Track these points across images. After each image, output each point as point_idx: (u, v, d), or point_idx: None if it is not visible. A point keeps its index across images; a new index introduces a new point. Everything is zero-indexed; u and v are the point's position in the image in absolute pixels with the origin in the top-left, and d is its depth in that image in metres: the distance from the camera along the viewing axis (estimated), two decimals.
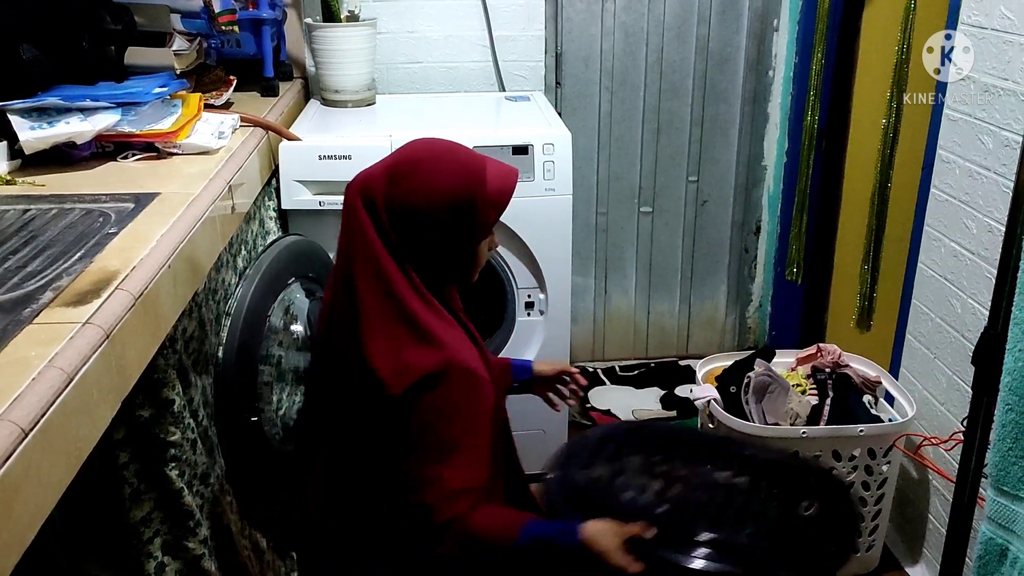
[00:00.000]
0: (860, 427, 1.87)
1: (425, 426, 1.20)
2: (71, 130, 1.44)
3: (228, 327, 1.48)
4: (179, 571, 1.20)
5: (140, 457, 1.14)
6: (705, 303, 2.95)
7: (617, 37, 2.60)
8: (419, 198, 1.24)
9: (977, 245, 1.73)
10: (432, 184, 1.24)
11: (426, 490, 1.19)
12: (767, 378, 1.99)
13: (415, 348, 1.20)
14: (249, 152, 1.67)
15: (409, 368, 1.19)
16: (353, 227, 1.27)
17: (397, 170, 1.26)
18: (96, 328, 0.93)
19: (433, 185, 1.24)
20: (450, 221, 1.25)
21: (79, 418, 0.86)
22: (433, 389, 1.18)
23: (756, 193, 2.82)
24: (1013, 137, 1.60)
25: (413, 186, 1.24)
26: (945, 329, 1.86)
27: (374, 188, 1.26)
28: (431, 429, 1.20)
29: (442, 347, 1.20)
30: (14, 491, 0.73)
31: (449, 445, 1.20)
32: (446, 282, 1.34)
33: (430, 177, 1.25)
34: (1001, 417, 1.12)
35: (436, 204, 1.24)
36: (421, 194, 1.24)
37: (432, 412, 1.20)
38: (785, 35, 2.62)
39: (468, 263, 1.33)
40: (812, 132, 2.53)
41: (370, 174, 1.29)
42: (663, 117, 2.70)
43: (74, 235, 1.18)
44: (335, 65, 2.25)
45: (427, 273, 1.28)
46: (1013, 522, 1.12)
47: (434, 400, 1.19)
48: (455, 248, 1.29)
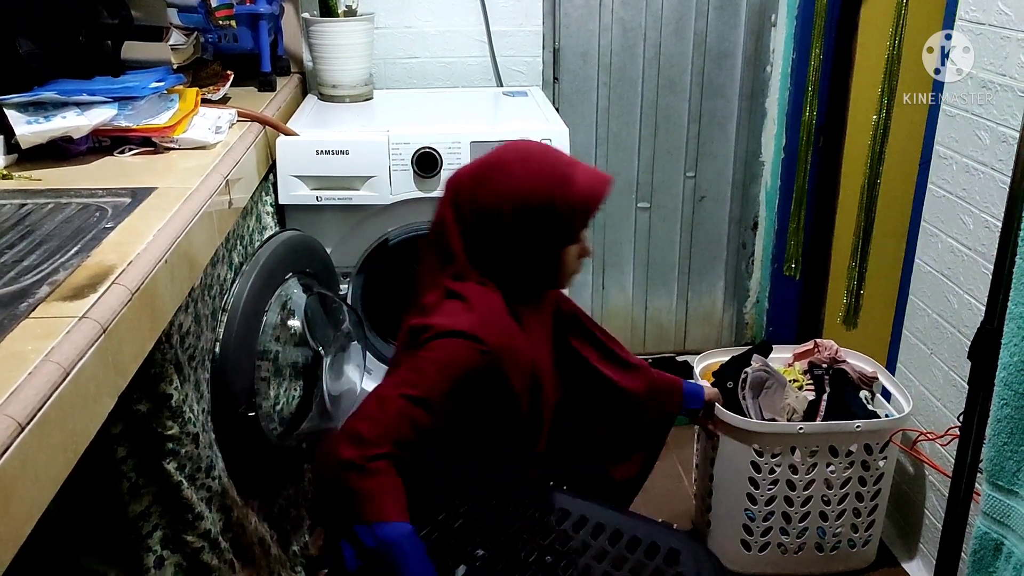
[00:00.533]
0: (857, 423, 1.88)
1: (406, 366, 1.22)
2: (67, 124, 1.44)
3: (225, 322, 1.48)
4: (178, 564, 1.21)
5: (138, 451, 1.14)
6: (702, 299, 2.95)
7: (615, 33, 2.60)
8: (501, 198, 1.24)
9: (974, 241, 1.73)
10: (515, 183, 1.24)
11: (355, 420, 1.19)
12: (764, 374, 1.99)
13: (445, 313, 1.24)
14: (246, 147, 1.66)
15: (429, 324, 1.22)
16: (441, 218, 1.31)
17: (485, 170, 1.28)
18: (93, 322, 0.92)
19: (516, 184, 1.24)
20: (530, 222, 1.25)
21: (76, 412, 0.86)
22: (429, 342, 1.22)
23: (754, 189, 2.82)
24: (1010, 133, 1.60)
25: (497, 186, 1.25)
26: (942, 325, 1.86)
27: (462, 187, 1.28)
28: (408, 368, 1.22)
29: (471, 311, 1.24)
30: (11, 485, 0.73)
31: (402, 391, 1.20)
32: (533, 287, 1.33)
33: (515, 176, 1.25)
34: (996, 412, 1.12)
35: (518, 203, 1.24)
36: (503, 193, 1.24)
37: (417, 356, 1.22)
38: (783, 31, 2.62)
39: (553, 268, 1.33)
40: (810, 128, 2.53)
41: (462, 172, 1.31)
42: (661, 113, 2.70)
43: (71, 230, 1.18)
44: (332, 60, 2.25)
45: (512, 277, 1.28)
46: (1008, 517, 1.13)
47: (427, 349, 1.21)
48: (537, 251, 1.28)
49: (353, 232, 2.01)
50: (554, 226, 1.26)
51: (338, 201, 1.96)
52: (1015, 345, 1.09)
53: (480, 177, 1.28)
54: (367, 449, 1.16)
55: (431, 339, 1.23)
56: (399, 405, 1.19)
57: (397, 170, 1.95)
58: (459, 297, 1.27)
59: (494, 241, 1.27)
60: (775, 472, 1.91)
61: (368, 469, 1.15)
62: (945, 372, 1.86)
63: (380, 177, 1.95)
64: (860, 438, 1.90)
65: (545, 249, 1.30)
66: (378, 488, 1.16)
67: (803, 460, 1.91)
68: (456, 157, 1.96)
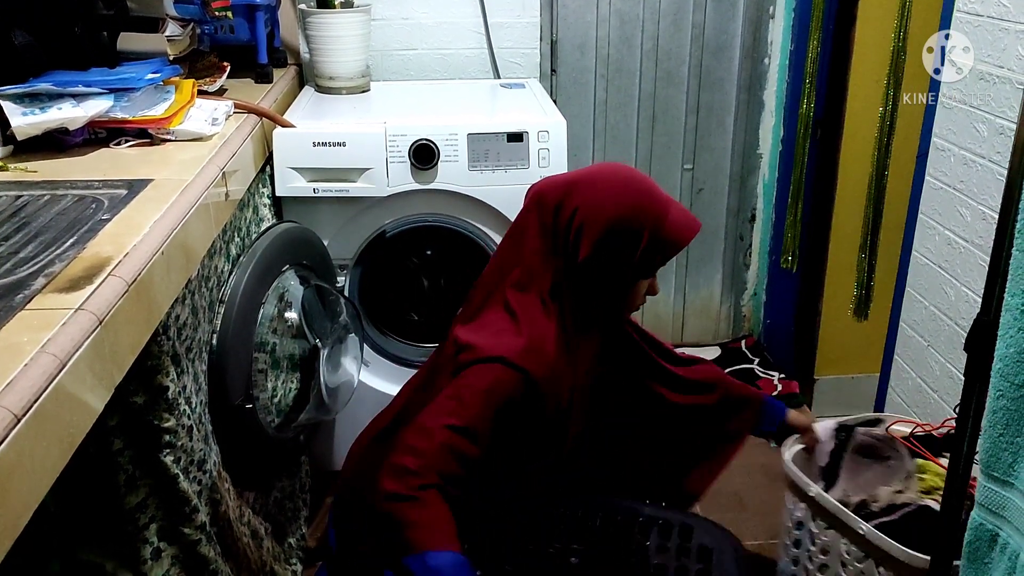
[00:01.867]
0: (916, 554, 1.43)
1: (447, 393, 1.21)
2: (63, 116, 1.43)
3: (222, 314, 1.48)
4: (175, 556, 1.21)
5: (135, 444, 1.14)
6: (700, 291, 2.95)
7: (613, 24, 2.60)
8: (596, 212, 1.22)
9: (971, 233, 1.73)
10: (613, 202, 1.23)
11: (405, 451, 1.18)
12: (877, 443, 1.66)
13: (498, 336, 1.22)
14: (243, 139, 1.66)
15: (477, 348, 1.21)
16: (519, 225, 1.29)
17: (581, 180, 1.26)
18: (89, 314, 0.92)
19: (614, 203, 1.23)
20: (618, 244, 1.23)
21: (72, 404, 0.86)
22: (479, 366, 1.21)
23: (751, 181, 2.82)
24: (1008, 125, 1.60)
25: (593, 200, 1.23)
26: (939, 317, 1.86)
27: (550, 192, 1.26)
28: (449, 396, 1.21)
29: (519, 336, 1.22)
30: (7, 477, 0.73)
31: (450, 418, 1.19)
32: (597, 312, 1.31)
33: (614, 195, 1.23)
34: (992, 403, 1.12)
35: (612, 222, 1.23)
36: (599, 208, 1.22)
37: (459, 384, 1.20)
38: (781, 22, 2.62)
39: (622, 297, 1.31)
40: (808, 120, 2.53)
41: (548, 181, 1.29)
42: (658, 105, 2.70)
43: (67, 221, 1.18)
44: (329, 52, 2.24)
45: (579, 297, 1.27)
46: (1003, 508, 1.13)
47: (469, 375, 1.20)
48: (614, 276, 1.27)
49: (350, 224, 2.01)
50: (639, 255, 1.25)
51: (335, 193, 1.95)
52: (1011, 336, 1.08)
53: (573, 189, 1.25)
54: (413, 480, 1.15)
55: (474, 363, 1.22)
56: (444, 437, 1.18)
57: (394, 162, 1.94)
58: (512, 314, 1.25)
59: (573, 255, 1.25)
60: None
61: (416, 499, 1.14)
62: (942, 364, 1.86)
63: (377, 169, 1.94)
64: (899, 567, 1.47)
65: (622, 276, 1.28)
66: (427, 517, 1.14)
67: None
68: (453, 149, 1.95)
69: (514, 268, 1.29)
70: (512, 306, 1.26)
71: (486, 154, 1.98)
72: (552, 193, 1.27)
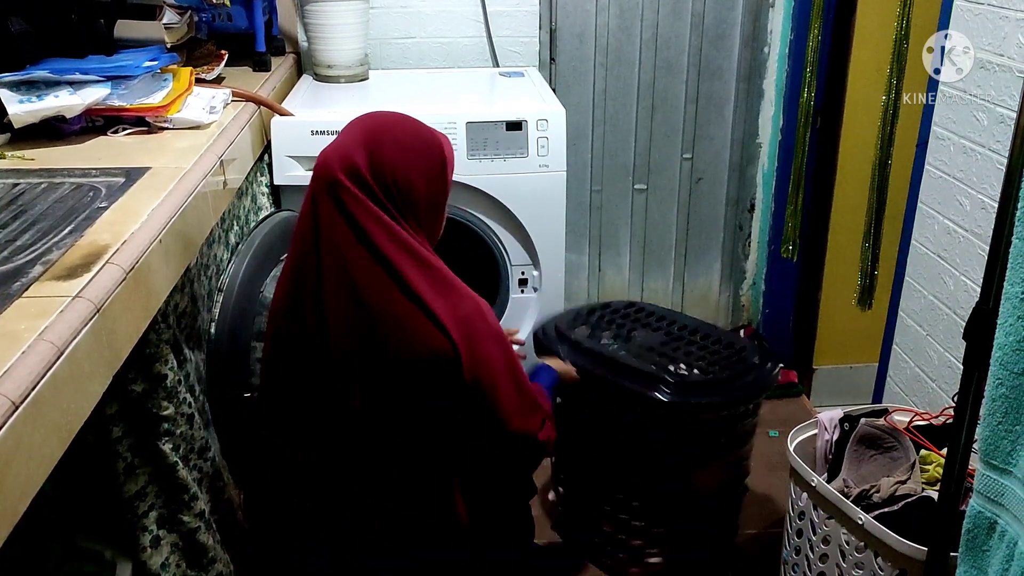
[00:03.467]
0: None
1: (485, 362, 1.28)
2: (60, 104, 1.43)
3: (220, 303, 1.48)
4: (175, 544, 1.21)
5: (133, 432, 1.14)
6: (699, 280, 2.95)
7: (612, 13, 2.58)
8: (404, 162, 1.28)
9: (971, 222, 1.73)
10: (411, 147, 1.30)
11: (514, 418, 1.32)
12: (886, 436, 1.65)
13: (457, 298, 1.29)
14: (241, 127, 1.66)
15: (466, 318, 1.28)
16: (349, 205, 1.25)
17: (371, 141, 1.28)
18: (86, 302, 0.92)
19: (413, 148, 1.30)
20: (432, 180, 1.31)
21: (70, 392, 0.86)
22: (482, 326, 1.29)
23: (751, 171, 2.81)
24: (1008, 113, 1.60)
25: (396, 153, 1.28)
26: (937, 306, 1.86)
27: (355, 163, 1.25)
28: (492, 362, 1.29)
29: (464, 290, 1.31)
30: (5, 464, 0.73)
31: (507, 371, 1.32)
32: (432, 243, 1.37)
33: (407, 142, 1.30)
34: (991, 392, 1.12)
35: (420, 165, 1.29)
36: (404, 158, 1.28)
37: (488, 347, 1.29)
38: (781, 11, 2.60)
39: (442, 223, 1.39)
40: (808, 110, 2.52)
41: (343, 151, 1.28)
42: (658, 94, 2.69)
43: (64, 209, 1.17)
44: (328, 40, 2.23)
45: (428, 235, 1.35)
46: (1002, 496, 1.13)
47: (484, 336, 1.29)
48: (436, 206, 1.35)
49: None
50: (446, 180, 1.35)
51: None
52: (1010, 325, 1.08)
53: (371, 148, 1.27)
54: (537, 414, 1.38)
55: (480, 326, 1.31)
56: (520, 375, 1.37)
57: None
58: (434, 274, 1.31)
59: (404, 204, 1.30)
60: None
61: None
62: (940, 353, 1.86)
63: None
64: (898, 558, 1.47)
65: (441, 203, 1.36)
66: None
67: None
68: (452, 138, 1.95)
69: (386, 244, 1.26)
70: (432, 270, 1.30)
71: (485, 143, 1.97)
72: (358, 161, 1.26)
